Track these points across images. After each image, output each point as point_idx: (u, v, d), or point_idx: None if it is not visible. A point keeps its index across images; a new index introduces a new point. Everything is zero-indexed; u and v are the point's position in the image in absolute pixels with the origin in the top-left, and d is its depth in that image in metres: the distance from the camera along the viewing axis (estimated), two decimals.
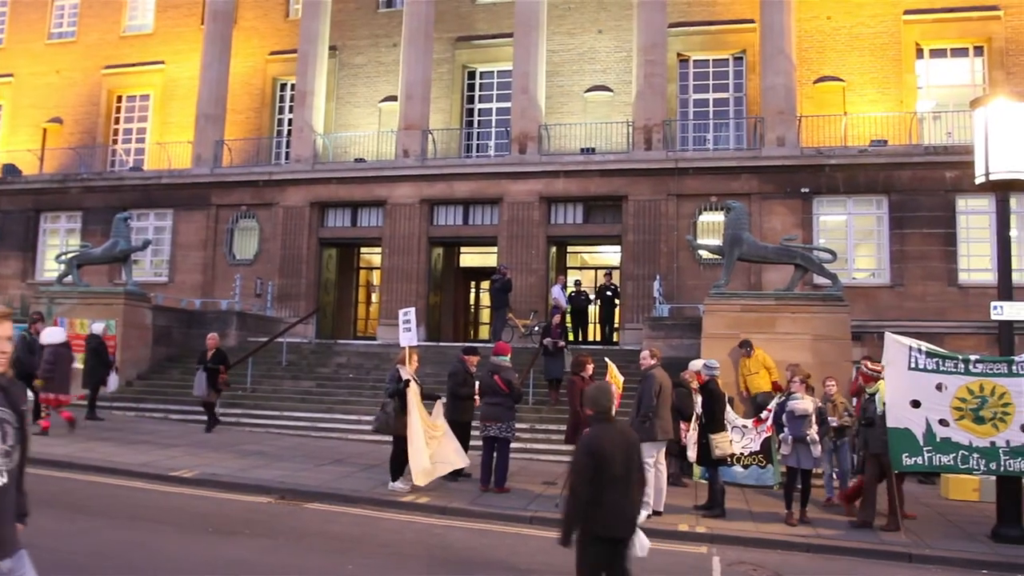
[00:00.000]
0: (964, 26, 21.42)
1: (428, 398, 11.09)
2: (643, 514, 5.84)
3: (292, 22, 25.90)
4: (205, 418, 15.30)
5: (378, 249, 23.69)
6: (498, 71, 24.59)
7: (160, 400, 17.51)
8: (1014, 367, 9.32)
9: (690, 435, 11.06)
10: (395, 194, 22.60)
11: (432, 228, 22.70)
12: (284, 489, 10.49)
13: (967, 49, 21.77)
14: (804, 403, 10.18)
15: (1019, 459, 9.22)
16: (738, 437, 11.72)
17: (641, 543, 5.48)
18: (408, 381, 10.54)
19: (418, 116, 22.78)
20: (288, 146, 25.00)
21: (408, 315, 11.32)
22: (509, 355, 11.57)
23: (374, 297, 25.66)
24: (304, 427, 15.82)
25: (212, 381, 15.00)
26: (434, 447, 10.52)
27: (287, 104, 26.35)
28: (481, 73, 25.10)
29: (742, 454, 12.15)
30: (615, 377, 10.68)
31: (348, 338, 23.33)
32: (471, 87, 25.15)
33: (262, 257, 23.71)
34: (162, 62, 27.38)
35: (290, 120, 25.42)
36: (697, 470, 12.19)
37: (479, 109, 25.01)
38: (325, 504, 10.05)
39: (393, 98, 24.16)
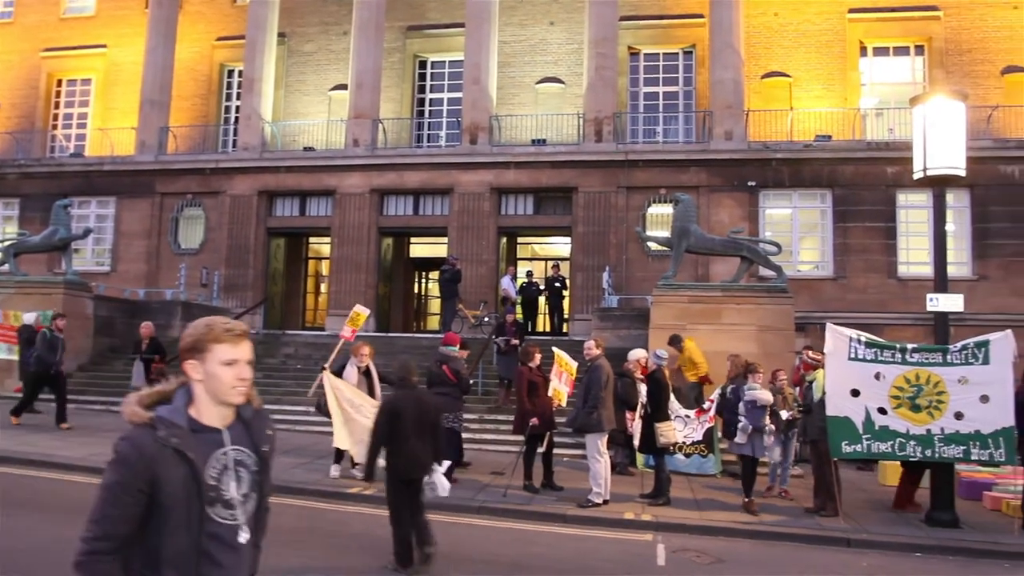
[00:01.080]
0: (906, 25, 21.93)
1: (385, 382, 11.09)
2: (444, 465, 7.44)
3: (240, 7, 25.42)
4: None
5: (327, 239, 23.45)
6: (450, 61, 24.47)
7: (102, 392, 17.10)
8: (948, 356, 9.60)
9: (636, 424, 11.19)
10: (345, 184, 22.38)
11: (382, 218, 22.54)
12: None
13: (908, 48, 22.29)
14: (766, 394, 10.41)
15: (952, 446, 9.51)
16: (681, 426, 11.88)
17: (442, 484, 7.13)
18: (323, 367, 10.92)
19: (368, 105, 22.57)
20: (236, 134, 24.56)
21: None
22: (459, 346, 11.59)
23: (323, 287, 25.41)
24: None
25: (149, 372, 14.64)
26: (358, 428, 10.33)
27: (235, 91, 25.88)
28: (432, 63, 24.96)
29: (684, 443, 12.33)
30: (567, 365, 10.73)
31: (296, 329, 23.09)
32: (422, 77, 24.98)
33: (208, 246, 23.30)
34: (104, 46, 26.66)
35: (238, 107, 24.97)
36: (641, 458, 12.35)
37: (430, 99, 24.87)
38: (272, 497, 9.91)
39: (343, 87, 23.89)
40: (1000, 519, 10.37)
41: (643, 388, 10.96)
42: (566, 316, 21.18)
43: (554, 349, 11.14)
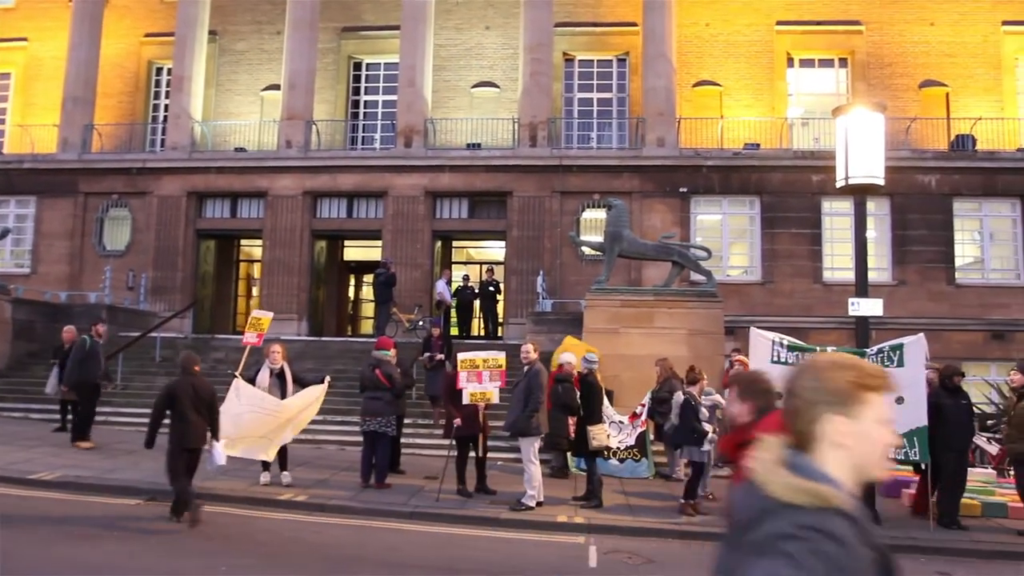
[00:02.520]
0: (830, 39, 22.65)
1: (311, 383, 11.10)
2: (219, 442, 9.05)
3: (169, 3, 24.80)
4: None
5: (259, 241, 23.06)
6: (385, 63, 24.33)
7: (21, 399, 16.51)
8: (866, 359, 9.93)
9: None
10: (277, 185, 22.06)
11: (315, 221, 22.28)
12: (155, 490, 10.06)
13: (833, 60, 23.02)
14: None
15: None
16: (616, 432, 12.04)
17: (218, 455, 9.00)
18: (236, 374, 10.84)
19: (302, 106, 22.30)
20: (164, 133, 23.97)
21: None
22: (392, 350, 11.54)
23: (255, 290, 24.96)
24: None
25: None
26: (251, 428, 10.23)
27: (163, 89, 25.26)
28: (367, 65, 24.78)
29: (618, 448, 12.49)
30: (486, 361, 10.60)
31: (227, 333, 22.59)
32: (357, 79, 24.78)
33: (135, 248, 22.69)
34: (25, 39, 25.72)
35: (166, 106, 24.36)
36: (572, 461, 12.46)
37: (365, 101, 24.69)
38: None
39: (276, 87, 23.54)
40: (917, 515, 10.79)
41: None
42: (500, 320, 21.25)
43: (459, 355, 10.91)
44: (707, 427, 10.53)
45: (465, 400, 10.44)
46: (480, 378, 10.52)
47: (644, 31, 21.78)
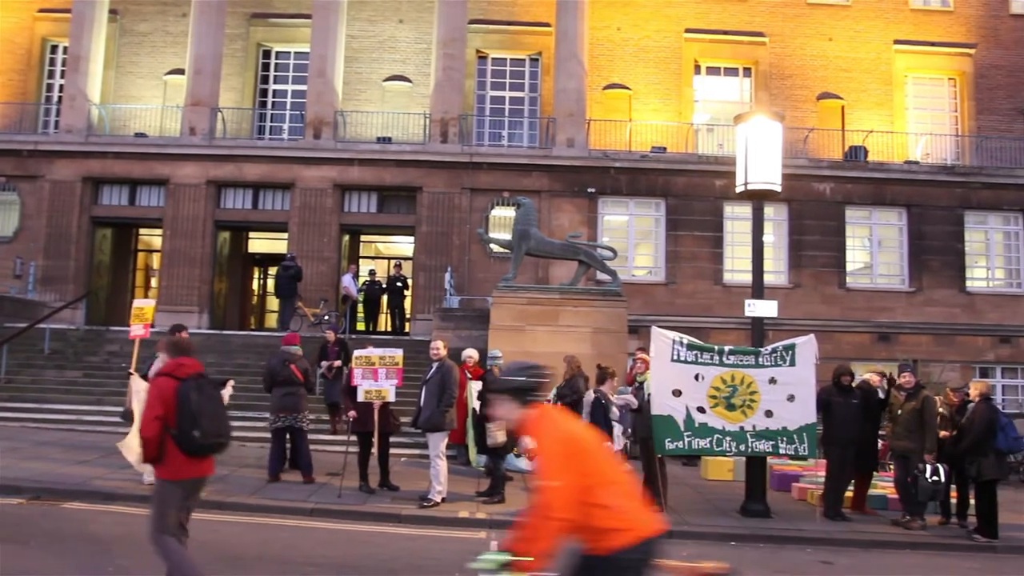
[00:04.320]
0: (736, 48, 23.37)
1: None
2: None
3: None
4: None
5: (159, 231, 22.27)
6: (295, 52, 23.85)
7: None
8: (759, 359, 10.35)
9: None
10: (179, 173, 21.36)
11: (219, 211, 21.68)
12: (39, 488, 9.66)
13: (738, 69, 23.76)
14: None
15: (763, 441, 10.27)
16: None
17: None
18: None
19: (207, 92, 21.66)
20: (59, 115, 22.89)
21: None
22: (299, 345, 11.40)
23: (153, 282, 24.11)
24: (69, 420, 14.63)
25: None
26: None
27: (59, 68, 24.12)
28: (277, 53, 24.24)
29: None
30: (387, 358, 10.54)
31: (123, 325, 21.73)
32: (266, 67, 24.22)
33: (24, 235, 21.61)
34: None
35: (61, 86, 23.27)
36: (473, 456, 12.51)
37: (274, 90, 24.14)
38: (85, 503, 9.35)
39: (181, 71, 22.75)
40: (805, 508, 11.30)
41: (475, 388, 11.13)
42: (408, 316, 21.15)
43: (355, 352, 10.80)
44: (617, 426, 10.74)
45: (360, 397, 10.36)
46: (376, 375, 10.42)
47: (557, 32, 22.01)
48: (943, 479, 10.22)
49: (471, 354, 11.41)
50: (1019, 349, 21.29)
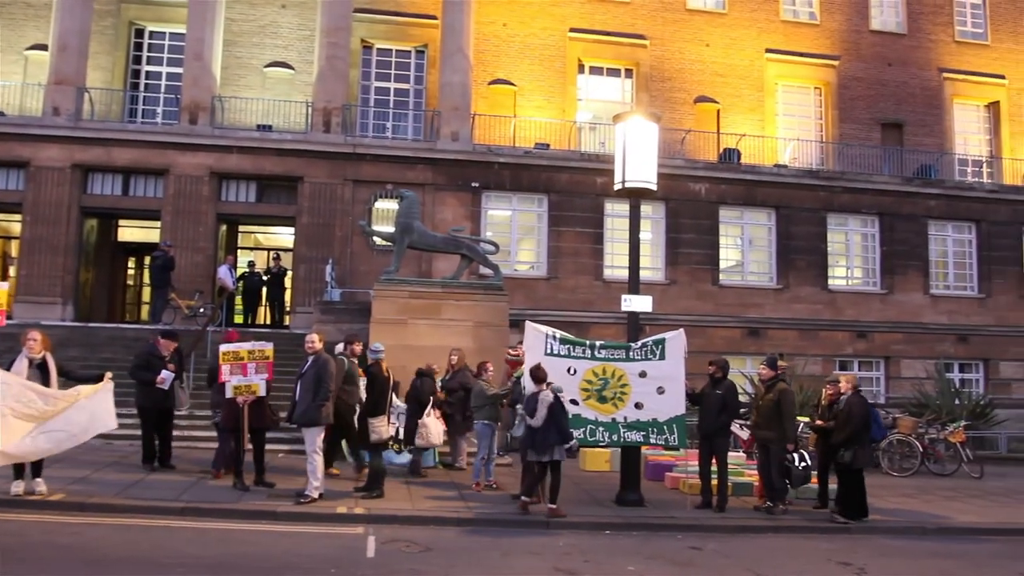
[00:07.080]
0: (618, 50, 23.93)
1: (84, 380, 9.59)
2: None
3: None
4: None
5: (17, 216, 20.89)
6: (171, 33, 22.83)
7: None
8: (631, 353, 10.73)
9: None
10: (41, 156, 20.14)
11: (86, 197, 20.56)
12: None
13: (620, 70, 24.33)
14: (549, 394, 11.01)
15: (634, 432, 10.66)
16: (401, 423, 12.20)
17: None
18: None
19: (73, 71, 20.49)
20: None
21: None
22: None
23: (12, 271, 22.68)
24: None
25: None
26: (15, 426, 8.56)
27: None
28: (151, 33, 23.15)
29: (402, 439, 12.61)
30: (256, 352, 10.35)
31: None
32: (139, 47, 23.09)
33: None
34: None
35: None
36: (346, 450, 12.42)
37: (147, 72, 23.06)
38: None
39: (44, 47, 21.40)
40: (678, 496, 11.80)
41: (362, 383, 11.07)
42: (288, 308, 20.72)
43: (221, 347, 10.54)
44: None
45: (228, 394, 10.13)
46: (245, 370, 10.20)
47: (444, 25, 21.97)
48: (811, 464, 10.92)
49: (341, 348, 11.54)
50: (874, 344, 22.77)
